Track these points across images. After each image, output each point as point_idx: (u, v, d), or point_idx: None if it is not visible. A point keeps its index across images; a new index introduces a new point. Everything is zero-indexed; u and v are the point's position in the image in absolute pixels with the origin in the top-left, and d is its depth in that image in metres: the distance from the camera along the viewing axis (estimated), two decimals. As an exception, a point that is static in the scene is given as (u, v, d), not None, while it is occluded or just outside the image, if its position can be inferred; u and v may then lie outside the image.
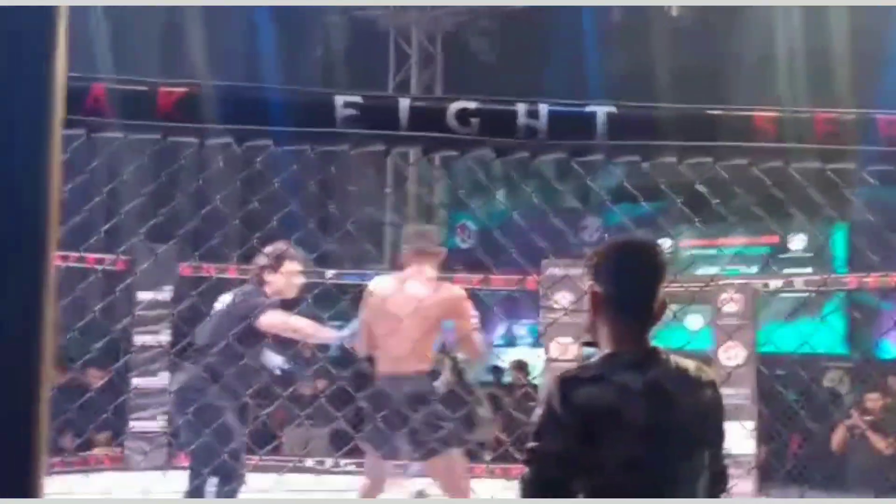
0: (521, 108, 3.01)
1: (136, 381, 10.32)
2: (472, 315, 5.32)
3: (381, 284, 5.53)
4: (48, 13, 1.30)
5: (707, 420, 2.39)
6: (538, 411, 2.35)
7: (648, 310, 2.38)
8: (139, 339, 10.30)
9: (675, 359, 2.39)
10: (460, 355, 5.46)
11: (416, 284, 5.16)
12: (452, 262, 12.48)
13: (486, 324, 7.80)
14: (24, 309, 1.25)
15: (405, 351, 5.00)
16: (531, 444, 2.33)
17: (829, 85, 9.52)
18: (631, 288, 2.39)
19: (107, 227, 4.26)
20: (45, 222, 1.28)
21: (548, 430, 2.31)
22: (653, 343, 2.39)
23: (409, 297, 5.03)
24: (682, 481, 2.33)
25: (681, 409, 2.33)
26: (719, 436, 2.45)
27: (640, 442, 2.27)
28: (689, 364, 2.41)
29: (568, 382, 2.31)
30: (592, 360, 2.40)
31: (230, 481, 5.52)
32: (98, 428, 10.69)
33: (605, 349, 2.39)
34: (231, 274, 9.44)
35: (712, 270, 10.32)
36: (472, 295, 10.54)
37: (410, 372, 5.11)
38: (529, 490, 2.34)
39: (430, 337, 5.18)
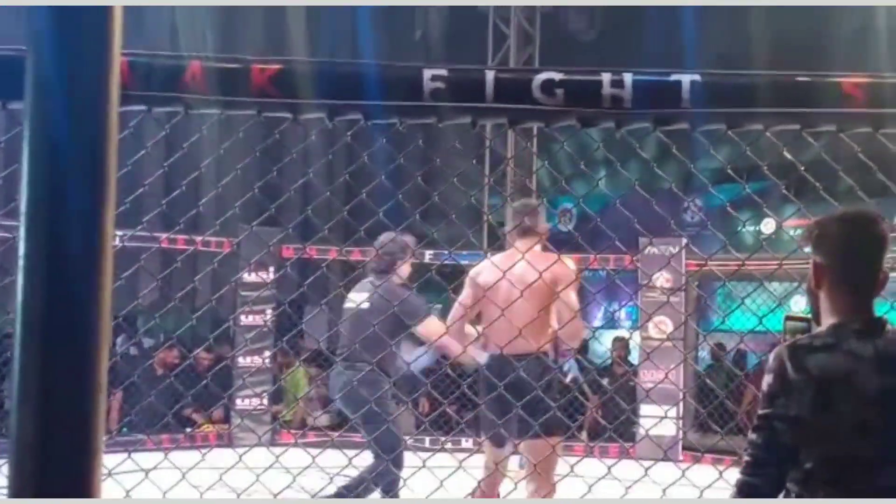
0: (605, 77, 3.03)
1: (242, 361, 10.57)
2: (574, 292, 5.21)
3: (485, 266, 5.41)
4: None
5: None
6: (767, 377, 2.39)
7: (873, 280, 2.41)
8: (244, 320, 10.53)
9: None
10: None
11: (523, 261, 4.63)
12: (554, 245, 12.45)
13: (585, 306, 7.85)
14: (81, 303, 1.20)
15: (517, 331, 4.71)
16: (762, 411, 2.38)
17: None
18: (856, 258, 2.42)
19: (200, 208, 4.39)
20: (102, 200, 1.23)
21: (780, 395, 2.35)
22: (876, 314, 2.42)
23: (519, 273, 4.65)
24: None
25: None
26: None
27: (871, 409, 2.31)
28: None
29: (800, 350, 2.36)
30: (820, 329, 2.43)
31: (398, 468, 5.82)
32: (205, 407, 11.00)
33: (829, 320, 2.42)
34: (332, 256, 9.60)
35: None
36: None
37: (522, 352, 4.86)
38: (758, 454, 2.38)
39: (543, 314, 4.96)
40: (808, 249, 2.48)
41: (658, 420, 8.67)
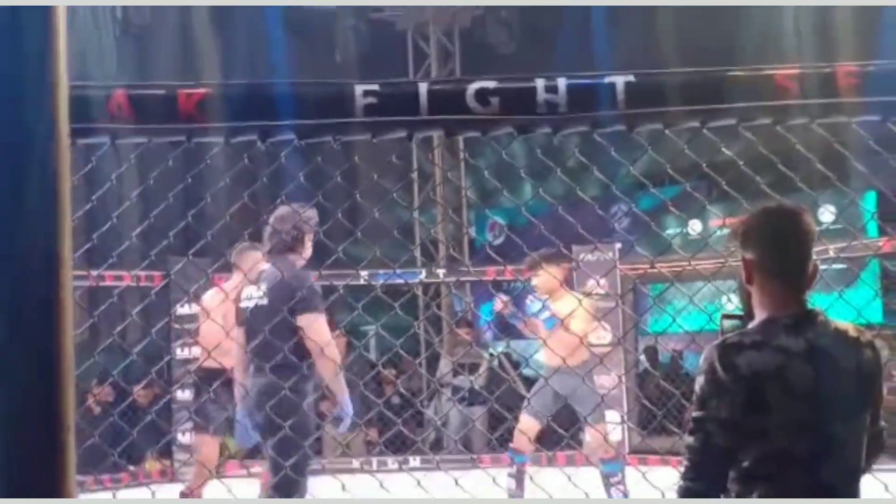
0: (539, 83, 3.02)
1: (181, 395, 10.37)
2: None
3: None
4: (46, 13, 1.24)
5: (867, 380, 2.40)
6: (699, 379, 2.37)
7: (803, 273, 2.41)
8: (180, 353, 10.35)
9: (832, 321, 2.41)
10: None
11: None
12: (483, 259, 12.45)
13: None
14: (43, 317, 1.22)
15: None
16: (696, 413, 2.35)
17: (843, 49, 9.45)
18: (784, 251, 2.42)
19: (133, 241, 4.26)
20: (58, 236, 1.25)
21: (712, 397, 2.33)
22: (808, 306, 2.41)
23: None
24: (846, 443, 2.35)
25: (842, 369, 2.34)
26: (878, 396, 2.45)
27: (805, 404, 2.30)
28: (847, 325, 2.44)
29: (730, 349, 2.34)
30: (751, 325, 2.42)
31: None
32: (147, 442, 10.77)
33: (761, 315, 2.41)
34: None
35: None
36: (503, 286, 10.43)
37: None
38: (697, 458, 2.35)
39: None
40: (736, 246, 2.49)
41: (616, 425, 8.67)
